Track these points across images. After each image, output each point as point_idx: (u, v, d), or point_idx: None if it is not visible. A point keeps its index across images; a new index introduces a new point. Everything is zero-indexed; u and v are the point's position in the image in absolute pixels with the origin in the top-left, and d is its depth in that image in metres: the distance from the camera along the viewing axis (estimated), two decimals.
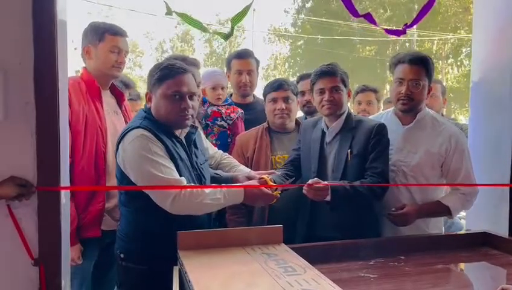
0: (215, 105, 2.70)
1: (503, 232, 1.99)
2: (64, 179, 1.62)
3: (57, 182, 1.52)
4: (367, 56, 20.19)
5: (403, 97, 2.07)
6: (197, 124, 2.30)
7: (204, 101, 2.69)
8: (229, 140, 2.67)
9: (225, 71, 2.93)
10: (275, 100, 2.38)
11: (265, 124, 2.48)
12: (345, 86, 2.13)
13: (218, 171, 2.19)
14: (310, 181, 1.93)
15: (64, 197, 1.63)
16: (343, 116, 2.13)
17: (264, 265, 1.42)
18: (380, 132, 2.05)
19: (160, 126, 1.83)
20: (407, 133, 2.13)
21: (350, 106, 2.53)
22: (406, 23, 1.68)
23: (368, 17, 1.65)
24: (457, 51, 19.12)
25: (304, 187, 1.93)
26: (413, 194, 2.09)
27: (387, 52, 20.61)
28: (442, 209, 2.06)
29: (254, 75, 2.85)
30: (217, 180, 2.11)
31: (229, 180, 2.12)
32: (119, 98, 2.41)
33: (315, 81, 2.14)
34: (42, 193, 1.51)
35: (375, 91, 3.34)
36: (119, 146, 1.81)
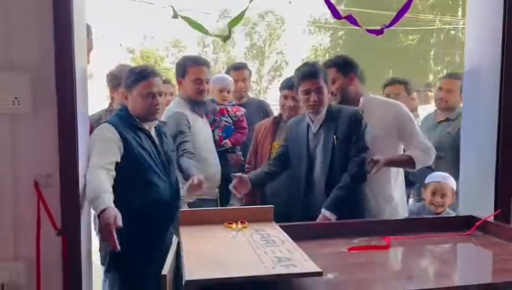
0: (222, 104, 3.20)
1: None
2: (82, 164, 1.86)
3: (75, 168, 1.77)
4: (409, 45, 19.67)
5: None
6: (206, 118, 2.93)
7: (213, 101, 3.17)
8: (233, 133, 3.21)
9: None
10: (286, 97, 2.77)
11: (276, 114, 2.97)
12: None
13: None
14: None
15: (84, 180, 1.89)
16: (325, 108, 2.37)
17: (249, 238, 1.62)
18: (359, 117, 2.35)
19: (129, 121, 2.23)
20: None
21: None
22: (385, 24, 1.79)
23: (350, 19, 1.78)
24: None
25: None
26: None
27: (431, 40, 19.99)
28: (406, 158, 2.40)
29: (247, 82, 3.62)
30: None
31: None
32: None
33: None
34: (64, 178, 1.75)
35: (404, 83, 3.38)
36: None
